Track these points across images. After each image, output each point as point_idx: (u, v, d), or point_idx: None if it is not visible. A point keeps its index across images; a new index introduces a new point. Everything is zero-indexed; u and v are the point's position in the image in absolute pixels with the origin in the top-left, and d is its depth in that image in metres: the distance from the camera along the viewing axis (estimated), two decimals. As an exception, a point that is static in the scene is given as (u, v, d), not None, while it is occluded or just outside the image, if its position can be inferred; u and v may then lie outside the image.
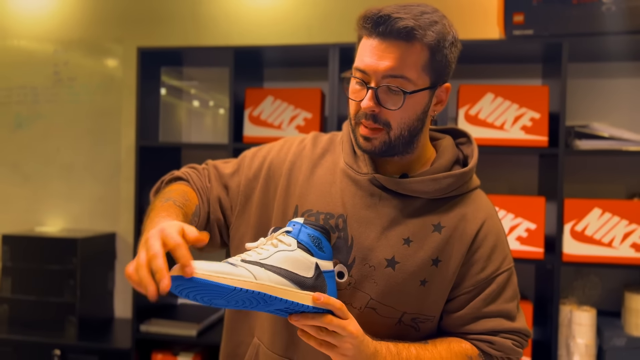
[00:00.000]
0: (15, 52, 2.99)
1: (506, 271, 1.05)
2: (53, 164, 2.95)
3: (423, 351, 0.98)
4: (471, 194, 1.07)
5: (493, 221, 1.06)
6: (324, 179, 1.06)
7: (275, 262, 0.86)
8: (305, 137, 1.16)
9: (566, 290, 2.29)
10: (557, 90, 2.08)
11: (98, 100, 2.90)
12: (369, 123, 0.97)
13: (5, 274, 2.65)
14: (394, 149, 1.00)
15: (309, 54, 2.37)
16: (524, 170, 2.40)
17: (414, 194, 1.01)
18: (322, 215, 1.03)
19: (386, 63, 0.94)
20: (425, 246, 1.00)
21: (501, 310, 1.03)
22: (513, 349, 1.04)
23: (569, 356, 2.09)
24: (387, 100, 0.96)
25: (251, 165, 1.13)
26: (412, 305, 1.01)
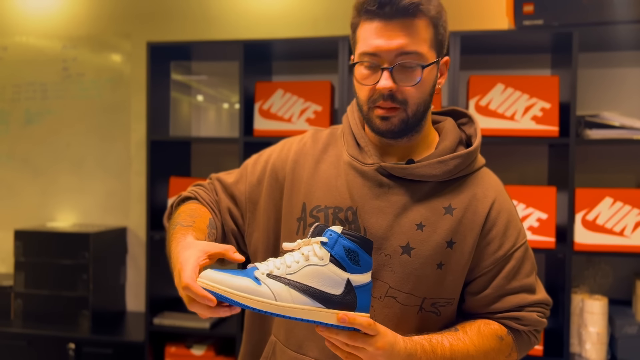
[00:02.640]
0: (24, 48, 3.00)
1: (522, 245, 1.05)
2: (63, 159, 2.97)
3: (456, 342, 0.97)
4: (478, 173, 1.07)
5: (503, 198, 1.07)
6: (328, 173, 1.06)
7: (302, 279, 0.85)
8: (304, 135, 1.16)
9: (577, 279, 2.29)
10: (567, 80, 2.08)
11: (107, 96, 2.91)
12: (386, 103, 0.97)
13: (18, 269, 2.67)
14: (410, 128, 1.00)
15: (318, 47, 2.37)
16: (534, 161, 2.41)
17: (422, 178, 1.01)
18: (330, 209, 1.03)
19: (399, 41, 0.94)
20: (439, 229, 1.00)
21: (523, 285, 1.04)
22: (539, 321, 1.05)
23: (580, 345, 2.10)
24: (404, 78, 0.96)
25: (254, 171, 1.14)
26: (431, 290, 1.01)
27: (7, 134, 3.04)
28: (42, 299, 2.65)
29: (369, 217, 1.00)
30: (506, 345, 1.03)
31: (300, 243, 0.88)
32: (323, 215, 1.03)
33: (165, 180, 2.54)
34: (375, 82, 0.97)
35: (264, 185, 1.12)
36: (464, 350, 0.97)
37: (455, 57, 2.12)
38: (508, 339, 1.03)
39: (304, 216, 1.05)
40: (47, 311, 2.65)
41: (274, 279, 0.84)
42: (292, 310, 0.83)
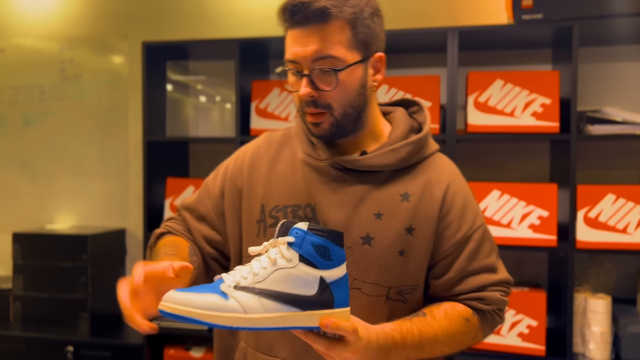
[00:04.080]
0: (22, 50, 2.99)
1: (480, 227, 1.07)
2: (62, 161, 2.96)
3: (424, 327, 0.98)
4: (431, 158, 1.08)
5: (458, 181, 1.09)
6: (284, 172, 1.07)
7: (272, 285, 0.80)
8: (258, 139, 1.18)
9: (580, 278, 2.26)
10: (568, 75, 2.04)
11: (105, 97, 2.89)
12: (311, 109, 0.99)
13: (17, 271, 2.66)
14: (344, 129, 1.01)
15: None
16: (535, 157, 2.37)
17: (376, 168, 1.02)
18: (289, 208, 1.04)
19: (311, 48, 0.95)
20: (397, 217, 1.01)
21: (484, 266, 1.06)
22: (502, 300, 1.07)
23: (584, 344, 2.07)
24: (322, 83, 0.97)
25: (215, 185, 1.15)
26: (396, 278, 1.02)
27: (6, 136, 3.03)
28: (40, 301, 2.64)
29: (327, 211, 1.01)
30: (472, 327, 1.04)
31: (267, 245, 0.84)
32: (282, 214, 1.04)
33: (162, 181, 2.52)
34: (298, 88, 0.99)
35: (226, 195, 1.13)
36: (432, 335, 0.98)
37: (454, 53, 2.09)
38: (474, 319, 1.05)
39: (264, 217, 1.06)
40: (46, 314, 2.64)
41: (242, 290, 0.79)
42: (265, 321, 0.79)
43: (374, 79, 1.03)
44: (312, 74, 0.96)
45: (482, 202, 2.08)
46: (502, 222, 2.07)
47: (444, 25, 2.38)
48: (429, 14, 2.47)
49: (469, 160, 2.40)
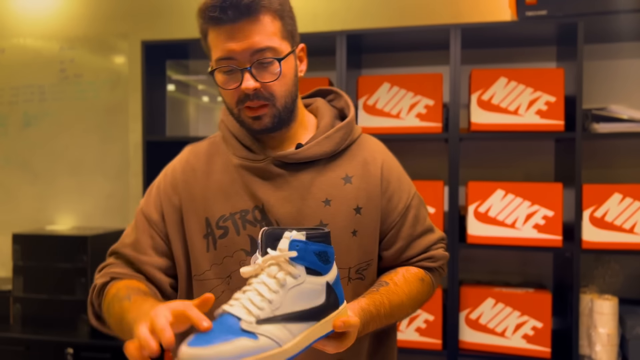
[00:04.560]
0: (22, 50, 2.98)
1: (415, 193, 1.16)
2: (62, 162, 2.94)
3: (392, 296, 1.03)
4: (360, 139, 1.13)
5: (389, 156, 1.16)
6: (222, 181, 1.06)
7: (290, 307, 0.76)
8: (182, 154, 1.15)
9: (586, 279, 2.22)
10: (572, 73, 2.01)
11: (105, 97, 2.87)
12: (254, 102, 0.98)
13: (17, 273, 2.65)
14: (283, 121, 1.03)
15: (315, 43, 2.31)
16: (539, 156, 2.34)
17: (315, 157, 1.04)
18: (236, 215, 1.03)
19: (250, 41, 0.95)
20: (344, 199, 1.04)
21: (425, 228, 1.14)
22: (445, 255, 1.17)
23: (590, 346, 2.03)
24: (264, 75, 0.98)
25: (152, 210, 1.09)
26: (353, 258, 1.05)
27: (6, 137, 3.01)
28: (40, 303, 2.62)
29: (276, 209, 1.02)
30: (427, 285, 1.13)
31: (262, 263, 0.79)
32: (231, 222, 1.03)
33: (162, 181, 2.50)
34: (237, 84, 0.98)
35: (166, 217, 1.08)
36: (399, 301, 1.04)
37: (456, 50, 2.06)
38: (427, 278, 1.13)
39: (211, 230, 1.04)
40: (46, 315, 2.62)
41: (266, 323, 0.74)
42: (296, 346, 0.76)
43: (300, 69, 1.06)
44: (253, 66, 0.96)
45: (485, 202, 2.05)
46: (507, 222, 2.04)
47: (447, 22, 2.35)
48: (431, 10, 2.44)
49: (472, 159, 2.37)
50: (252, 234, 1.02)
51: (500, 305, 2.07)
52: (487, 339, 2.08)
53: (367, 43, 2.32)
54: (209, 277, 1.04)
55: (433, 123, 2.14)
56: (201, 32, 1.02)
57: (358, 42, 2.27)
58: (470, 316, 2.10)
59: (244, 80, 0.96)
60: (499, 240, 2.05)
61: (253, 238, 1.02)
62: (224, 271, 1.03)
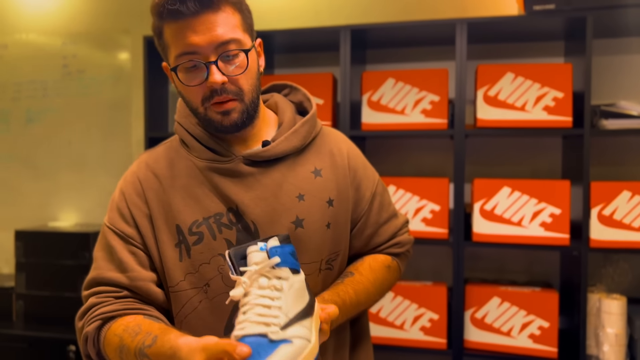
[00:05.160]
0: (24, 46, 2.96)
1: (378, 180, 1.16)
2: (64, 158, 2.93)
3: (357, 286, 1.04)
4: (322, 132, 1.12)
5: (351, 145, 1.15)
6: (189, 185, 1.00)
7: (294, 308, 0.78)
8: (139, 163, 1.07)
9: (594, 278, 2.19)
10: (581, 68, 1.97)
11: (107, 93, 2.86)
12: (222, 97, 0.94)
13: (19, 269, 2.64)
14: (250, 116, 0.99)
15: (319, 38, 2.29)
16: (546, 153, 2.30)
17: (284, 153, 1.02)
18: (210, 219, 0.98)
19: (213, 34, 0.91)
20: (317, 193, 1.03)
21: (390, 213, 1.15)
22: (410, 239, 1.19)
23: (598, 347, 2.00)
24: (230, 68, 0.94)
25: (124, 225, 1.01)
26: (325, 250, 1.04)
27: (8, 133, 3.00)
28: (43, 300, 2.61)
29: (251, 210, 0.99)
30: (394, 271, 1.15)
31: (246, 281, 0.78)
32: (206, 227, 0.98)
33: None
34: (202, 80, 0.93)
35: (141, 228, 1.01)
36: (364, 290, 1.05)
37: (462, 45, 2.02)
38: (394, 264, 1.15)
39: (183, 238, 0.98)
40: (49, 312, 2.61)
41: (288, 327, 0.76)
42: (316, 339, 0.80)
43: (260, 64, 1.03)
44: (219, 60, 0.92)
45: (492, 199, 2.02)
46: (513, 220, 2.00)
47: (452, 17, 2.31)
48: (436, 5, 2.40)
49: (477, 156, 2.34)
50: (228, 237, 0.98)
51: (506, 304, 2.04)
52: (492, 338, 2.05)
53: (371, 38, 2.29)
54: (183, 287, 0.99)
55: (438, 119, 2.10)
56: (155, 29, 0.96)
57: (362, 37, 2.24)
58: (476, 315, 2.07)
59: (210, 74, 0.92)
60: (505, 239, 2.01)
61: (230, 242, 0.98)
62: (200, 280, 0.98)
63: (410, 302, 2.11)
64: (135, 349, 0.88)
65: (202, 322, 0.98)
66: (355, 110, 2.23)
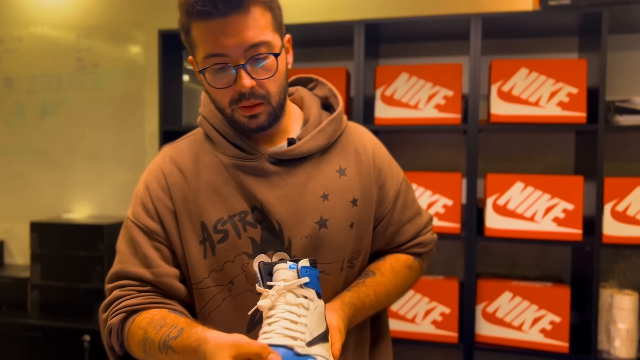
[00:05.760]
0: (39, 39, 2.99)
1: (403, 177, 1.14)
2: (79, 151, 2.96)
3: (377, 287, 1.04)
4: (348, 128, 1.10)
5: (376, 142, 1.13)
6: (214, 182, 0.99)
7: (317, 329, 0.80)
8: (163, 155, 1.07)
9: (606, 274, 2.19)
10: (596, 64, 1.97)
11: (121, 86, 2.88)
12: (250, 102, 0.93)
13: (34, 260, 2.67)
14: (277, 117, 0.98)
15: (333, 32, 2.29)
16: (559, 149, 2.30)
17: (310, 152, 1.01)
18: (236, 217, 0.97)
19: (243, 36, 0.89)
20: (341, 192, 1.02)
21: (414, 211, 1.14)
22: (434, 238, 1.17)
23: (609, 341, 2.01)
24: (259, 71, 0.92)
25: (148, 220, 1.01)
26: (349, 250, 1.03)
27: (24, 126, 3.03)
28: (58, 290, 2.65)
29: (276, 209, 0.97)
30: (415, 271, 1.14)
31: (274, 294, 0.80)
32: (231, 225, 0.97)
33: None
34: (230, 83, 0.92)
35: (165, 223, 1.01)
36: (384, 291, 1.05)
37: (477, 40, 2.03)
38: (415, 264, 1.14)
39: (207, 235, 0.98)
40: (63, 303, 2.65)
41: (312, 344, 0.78)
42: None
43: (288, 61, 1.01)
44: (248, 63, 0.90)
45: (504, 194, 2.02)
46: (526, 215, 2.01)
47: (466, 12, 2.31)
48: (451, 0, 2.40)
49: (490, 151, 2.34)
50: (253, 236, 0.97)
51: (518, 298, 2.05)
52: (503, 332, 2.06)
53: (385, 33, 2.29)
54: (207, 284, 0.98)
55: (452, 114, 2.11)
56: (182, 26, 0.93)
57: (376, 31, 2.24)
58: (487, 309, 2.08)
59: (239, 78, 0.90)
60: (518, 234, 2.02)
61: (254, 240, 0.97)
62: (224, 277, 0.98)
63: (422, 295, 2.13)
64: (159, 341, 0.88)
65: (225, 319, 0.98)
66: (369, 105, 2.24)
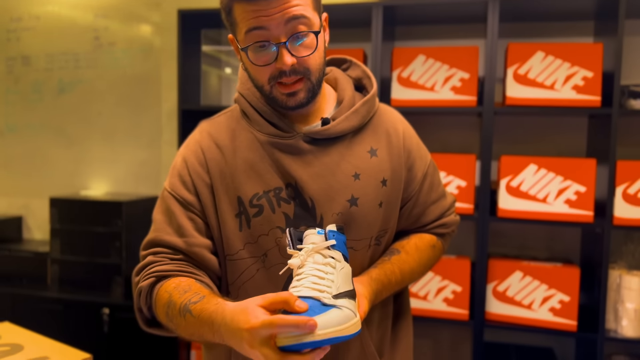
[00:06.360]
0: (57, 18, 3.02)
1: (430, 160, 1.18)
2: (95, 128, 3.00)
3: (402, 264, 1.08)
4: (380, 111, 1.13)
5: (406, 124, 1.16)
6: (251, 159, 1.03)
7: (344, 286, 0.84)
8: (201, 130, 1.10)
9: (614, 255, 2.24)
10: (611, 48, 1.99)
11: (138, 65, 2.91)
12: (290, 79, 0.96)
13: (54, 235, 2.73)
14: (314, 94, 1.01)
15: (350, 14, 2.32)
16: (572, 132, 2.33)
17: (344, 133, 1.04)
18: (270, 192, 1.01)
19: (284, 11, 0.91)
20: (372, 172, 1.05)
21: (439, 193, 1.18)
22: (456, 220, 1.22)
23: (616, 321, 2.06)
24: (299, 49, 0.95)
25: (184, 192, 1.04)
26: (377, 228, 1.07)
27: (41, 103, 3.08)
28: (77, 265, 2.71)
29: (309, 186, 1.01)
30: (438, 250, 1.19)
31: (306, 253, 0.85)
32: (265, 200, 1.01)
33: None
34: (271, 60, 0.95)
35: (201, 196, 1.04)
36: (409, 269, 1.10)
37: (494, 24, 2.05)
38: (438, 244, 1.18)
39: (243, 209, 1.02)
40: (82, 277, 2.71)
41: (338, 298, 0.82)
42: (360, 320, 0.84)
43: (325, 39, 1.03)
44: (289, 41, 0.93)
45: (518, 176, 2.06)
46: (538, 197, 2.05)
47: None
48: (467, -17, 2.41)
49: (505, 134, 2.37)
50: (286, 211, 1.01)
51: (528, 278, 2.10)
52: (513, 310, 2.12)
53: (401, 15, 2.31)
54: (242, 256, 1.03)
55: (468, 96, 2.14)
56: (224, 7, 0.96)
57: (393, 13, 2.26)
58: (498, 288, 2.13)
59: (280, 56, 0.93)
60: (530, 215, 2.06)
61: (288, 215, 1.01)
62: (258, 250, 1.02)
63: (434, 274, 2.18)
64: (180, 305, 0.92)
65: (258, 289, 1.01)
66: (385, 86, 2.27)
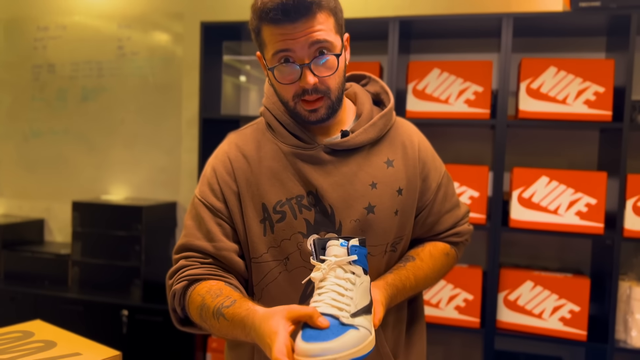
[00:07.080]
0: (81, 28, 3.12)
1: (444, 171, 1.23)
2: (117, 135, 3.09)
3: (417, 271, 1.14)
4: (396, 124, 1.19)
5: (421, 136, 1.22)
6: (274, 168, 1.10)
7: (362, 302, 0.88)
8: (229, 142, 1.18)
9: (624, 267, 2.27)
10: (623, 64, 2.04)
11: (159, 74, 3.00)
12: (312, 97, 1.04)
13: (75, 238, 2.82)
14: (335, 110, 1.09)
15: (367, 28, 2.39)
16: (583, 146, 2.37)
17: (362, 144, 1.11)
18: (292, 200, 1.08)
19: (310, 37, 1.00)
20: (388, 182, 1.12)
21: (453, 203, 1.23)
22: (470, 230, 1.27)
23: (626, 332, 2.09)
24: (321, 69, 1.03)
25: (213, 199, 1.12)
26: (392, 235, 1.13)
27: (65, 110, 3.18)
28: (97, 267, 2.79)
29: (329, 194, 1.08)
30: (452, 258, 1.24)
31: (328, 267, 0.89)
32: (288, 207, 1.08)
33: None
34: (295, 79, 1.03)
35: (229, 203, 1.12)
36: (423, 275, 1.15)
37: (508, 39, 2.11)
38: (452, 252, 1.23)
39: (267, 215, 1.09)
40: (102, 279, 2.79)
41: (356, 316, 0.86)
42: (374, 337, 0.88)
43: (347, 58, 1.11)
44: (313, 62, 1.01)
45: (530, 187, 2.11)
46: (550, 208, 2.10)
47: (497, 11, 2.38)
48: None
49: (517, 146, 2.42)
50: (307, 218, 1.08)
51: (539, 288, 2.14)
52: (524, 319, 2.16)
53: (417, 29, 2.38)
54: (266, 259, 1.10)
55: (481, 109, 2.20)
56: (254, 28, 1.05)
57: (409, 28, 2.33)
58: (509, 297, 2.17)
59: (304, 76, 1.01)
60: (541, 226, 2.11)
61: (309, 222, 1.08)
62: (281, 253, 1.09)
63: (447, 282, 2.23)
64: (214, 308, 0.99)
65: (280, 290, 1.10)
66: (400, 98, 2.34)
